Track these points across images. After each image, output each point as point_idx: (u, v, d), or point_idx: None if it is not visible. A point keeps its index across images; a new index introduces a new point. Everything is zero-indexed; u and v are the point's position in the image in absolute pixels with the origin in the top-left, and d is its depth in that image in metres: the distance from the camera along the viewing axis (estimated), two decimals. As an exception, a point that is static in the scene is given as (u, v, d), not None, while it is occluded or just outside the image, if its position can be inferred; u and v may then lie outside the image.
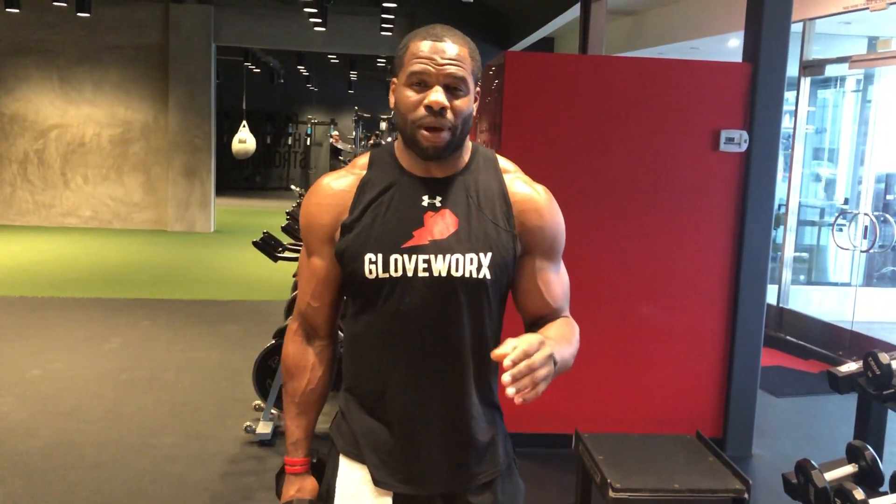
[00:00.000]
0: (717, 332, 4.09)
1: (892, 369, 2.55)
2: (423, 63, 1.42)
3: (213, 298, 7.50)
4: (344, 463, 1.53)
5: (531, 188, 1.56)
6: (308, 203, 1.55)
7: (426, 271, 1.45)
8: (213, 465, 3.80)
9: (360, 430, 1.52)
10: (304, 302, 1.57)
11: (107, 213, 12.06)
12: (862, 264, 7.90)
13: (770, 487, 3.64)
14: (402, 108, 1.44)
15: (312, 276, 1.55)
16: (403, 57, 1.46)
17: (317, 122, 21.77)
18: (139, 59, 11.84)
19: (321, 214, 1.52)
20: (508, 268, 1.51)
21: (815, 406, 5.15)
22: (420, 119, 1.42)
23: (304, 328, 1.60)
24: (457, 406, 1.50)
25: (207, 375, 5.15)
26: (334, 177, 1.55)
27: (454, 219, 1.48)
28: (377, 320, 1.48)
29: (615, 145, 3.97)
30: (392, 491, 1.49)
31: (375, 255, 1.45)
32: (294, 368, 1.59)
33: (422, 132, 1.42)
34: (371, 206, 1.48)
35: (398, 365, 1.48)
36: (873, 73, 7.66)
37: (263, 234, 4.53)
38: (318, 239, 1.53)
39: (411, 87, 1.43)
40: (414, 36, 1.48)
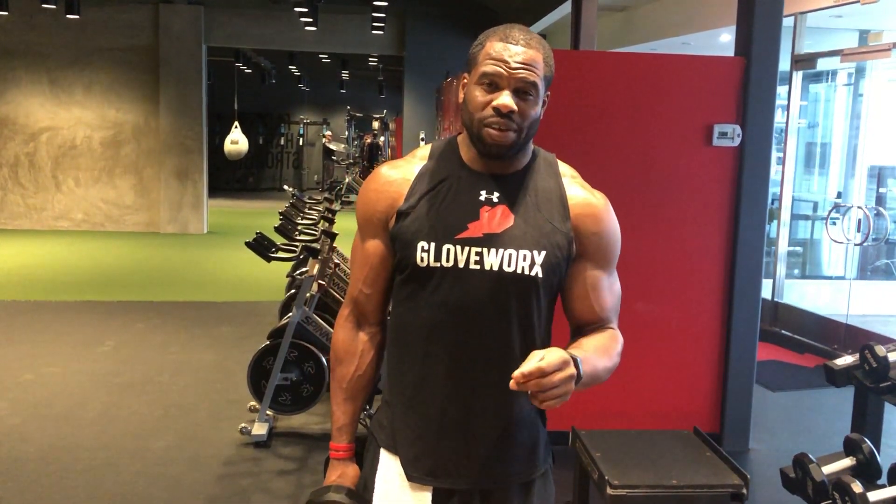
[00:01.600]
0: (713, 327, 4.09)
1: (889, 361, 2.55)
2: (495, 65, 1.42)
3: (206, 300, 7.47)
4: (385, 456, 1.54)
5: (590, 193, 1.56)
6: (366, 189, 1.56)
7: (478, 264, 1.45)
8: (208, 467, 3.78)
9: (399, 424, 1.52)
10: (356, 288, 1.58)
11: (99, 215, 12.01)
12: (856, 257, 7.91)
13: (768, 482, 3.64)
14: (471, 106, 1.45)
15: (366, 262, 1.56)
16: (478, 55, 1.46)
17: (309, 122, 21.73)
18: (129, 61, 11.79)
19: (378, 201, 1.53)
20: (561, 268, 1.51)
21: (811, 400, 5.15)
22: (486, 118, 1.43)
23: (356, 314, 1.60)
24: (500, 404, 1.49)
25: (202, 377, 5.12)
26: (393, 165, 1.56)
27: (510, 215, 1.48)
28: (424, 309, 1.48)
29: (607, 141, 3.96)
30: (428, 484, 1.49)
31: (428, 244, 1.46)
32: (344, 354, 1.60)
33: (487, 130, 1.43)
34: (428, 194, 1.49)
35: (441, 356, 1.48)
36: (865, 66, 7.67)
37: (256, 235, 4.51)
38: (373, 225, 1.54)
39: (482, 87, 1.44)
40: (491, 35, 1.47)
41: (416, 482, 1.50)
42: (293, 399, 4.15)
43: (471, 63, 1.48)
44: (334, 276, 5.20)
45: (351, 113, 21.33)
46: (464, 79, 1.50)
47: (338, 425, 1.60)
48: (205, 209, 12.12)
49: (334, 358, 1.61)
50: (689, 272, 4.08)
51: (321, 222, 5.94)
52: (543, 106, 1.49)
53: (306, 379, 4.15)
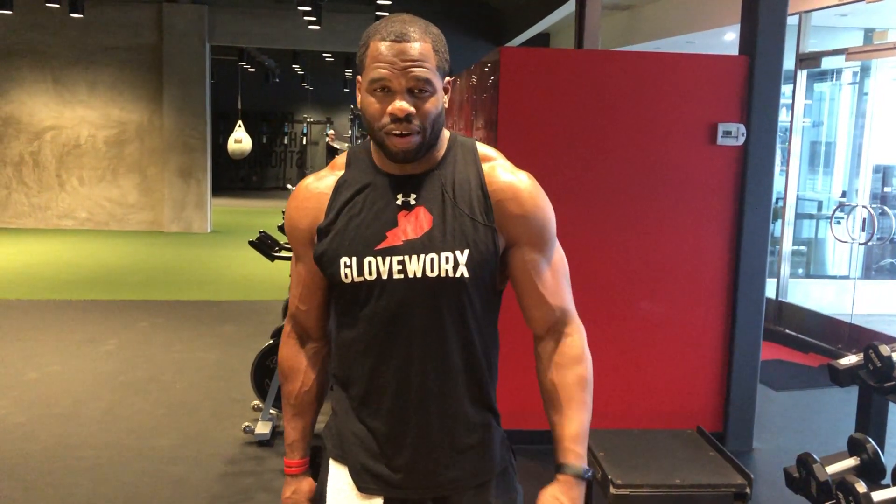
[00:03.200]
0: (717, 326, 4.08)
1: (893, 361, 2.54)
2: (384, 68, 1.35)
3: (210, 299, 7.48)
4: (333, 466, 1.52)
5: (512, 175, 1.48)
6: (289, 206, 1.53)
7: (401, 273, 1.41)
8: (211, 465, 3.78)
9: (347, 434, 1.50)
10: (293, 305, 1.57)
11: (103, 214, 12.03)
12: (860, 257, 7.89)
13: (771, 481, 3.63)
14: (367, 115, 1.39)
15: (299, 280, 1.55)
16: (364, 57, 1.39)
17: (312, 121, 21.74)
18: (133, 60, 11.81)
19: (300, 218, 1.50)
20: (489, 264, 1.45)
21: (815, 399, 5.14)
22: (386, 126, 1.37)
23: (297, 331, 1.60)
24: (445, 408, 1.46)
25: (205, 376, 5.13)
26: (313, 178, 1.53)
27: (428, 216, 1.43)
28: (359, 324, 1.46)
29: (612, 140, 3.95)
30: (379, 495, 1.47)
31: (350, 259, 1.42)
32: (288, 371, 1.60)
33: (390, 139, 1.38)
34: (345, 207, 1.45)
35: (382, 369, 1.45)
36: (870, 65, 7.65)
37: (259, 234, 4.51)
38: (299, 243, 1.52)
39: (374, 94, 1.37)
40: (373, 33, 1.39)
41: (366, 493, 1.48)
42: (296, 398, 4.15)
43: (359, 65, 1.40)
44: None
45: (354, 112, 21.34)
46: (358, 82, 1.43)
47: (288, 441, 1.61)
48: (208, 208, 12.14)
49: (281, 375, 1.61)
50: (692, 271, 4.07)
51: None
52: (446, 94, 1.42)
53: (309, 378, 4.14)
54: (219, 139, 15.85)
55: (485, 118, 4.44)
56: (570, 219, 4.00)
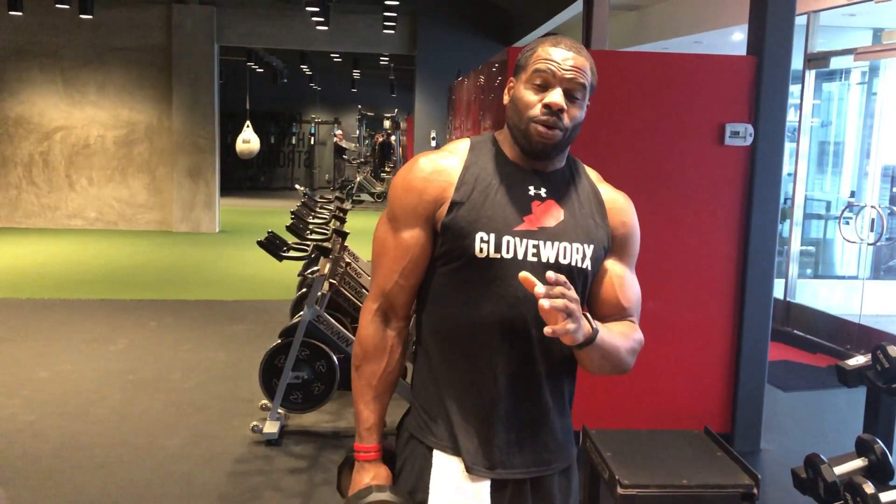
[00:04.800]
0: (724, 326, 4.08)
1: (902, 362, 2.53)
2: (547, 64, 1.47)
3: (218, 299, 7.51)
4: (440, 457, 1.50)
5: (617, 192, 1.63)
6: (409, 178, 1.52)
7: (535, 256, 1.47)
8: (220, 465, 3.80)
9: (454, 422, 1.49)
10: (389, 280, 1.53)
11: (112, 214, 12.08)
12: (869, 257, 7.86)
13: (779, 482, 3.62)
14: (520, 105, 1.48)
15: (405, 254, 1.52)
16: (529, 59, 1.50)
17: (320, 121, 21.78)
18: (143, 61, 11.86)
19: (425, 190, 1.50)
20: (600, 262, 1.56)
21: (823, 400, 5.13)
22: (536, 116, 1.47)
23: (384, 308, 1.55)
24: (547, 393, 1.52)
25: (214, 375, 5.15)
26: (437, 155, 1.55)
27: (559, 209, 1.51)
28: (483, 301, 1.47)
29: (620, 140, 3.96)
30: (489, 477, 1.49)
31: (487, 235, 1.46)
32: (374, 350, 1.55)
33: (536, 127, 1.47)
34: (480, 186, 1.49)
35: (499, 349, 1.48)
36: (878, 65, 7.62)
37: (268, 234, 4.53)
38: (416, 214, 1.51)
39: (532, 86, 1.48)
40: (543, 42, 1.52)
41: (476, 475, 1.48)
42: (304, 397, 4.17)
43: (520, 68, 1.51)
44: (345, 275, 5.21)
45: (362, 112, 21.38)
46: (510, 83, 1.54)
47: (367, 425, 1.55)
48: (217, 208, 12.18)
49: (361, 355, 1.56)
50: (700, 271, 4.07)
51: (332, 221, 5.96)
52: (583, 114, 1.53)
53: (317, 377, 4.17)
54: (227, 139, 15.89)
55: (492, 118, 4.45)
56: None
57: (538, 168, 1.53)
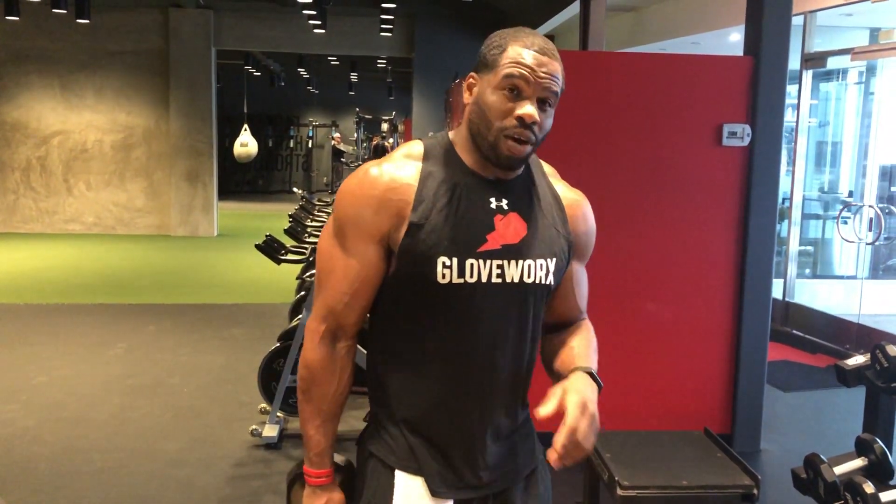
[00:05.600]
0: (724, 327, 4.07)
1: (901, 362, 2.53)
2: (522, 70, 1.35)
3: (217, 302, 7.50)
4: (402, 477, 1.45)
5: (574, 193, 1.56)
6: (359, 193, 1.40)
7: (499, 277, 1.40)
8: (219, 469, 3.80)
9: (416, 442, 1.44)
10: (338, 301, 1.42)
11: (110, 218, 12.08)
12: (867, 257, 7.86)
13: (779, 483, 3.62)
14: (490, 113, 1.36)
15: (355, 274, 1.41)
16: (498, 57, 1.37)
17: (318, 124, 21.79)
18: (140, 65, 11.86)
19: (379, 208, 1.38)
20: (562, 273, 1.50)
21: (822, 400, 5.13)
22: (508, 129, 1.36)
23: (332, 329, 1.45)
24: (511, 407, 1.49)
25: (213, 379, 5.14)
26: (391, 166, 1.41)
27: (522, 223, 1.43)
28: (442, 326, 1.41)
29: (617, 141, 3.96)
30: (452, 497, 1.45)
31: (450, 259, 1.37)
32: (322, 373, 1.45)
33: (507, 142, 1.36)
34: (440, 202, 1.38)
35: (462, 371, 1.42)
36: (875, 64, 7.63)
37: (266, 237, 4.53)
38: (368, 234, 1.39)
39: (502, 93, 1.36)
40: (513, 39, 1.39)
41: (440, 497, 1.44)
42: (304, 401, 4.16)
43: (485, 65, 1.39)
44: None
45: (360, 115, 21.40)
46: (471, 79, 1.42)
47: (317, 450, 1.47)
48: (215, 212, 12.18)
49: (309, 378, 1.45)
50: (699, 272, 4.07)
51: (331, 224, 5.96)
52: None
53: (317, 381, 4.16)
54: (225, 143, 15.91)
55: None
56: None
57: (499, 176, 1.43)
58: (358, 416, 4.38)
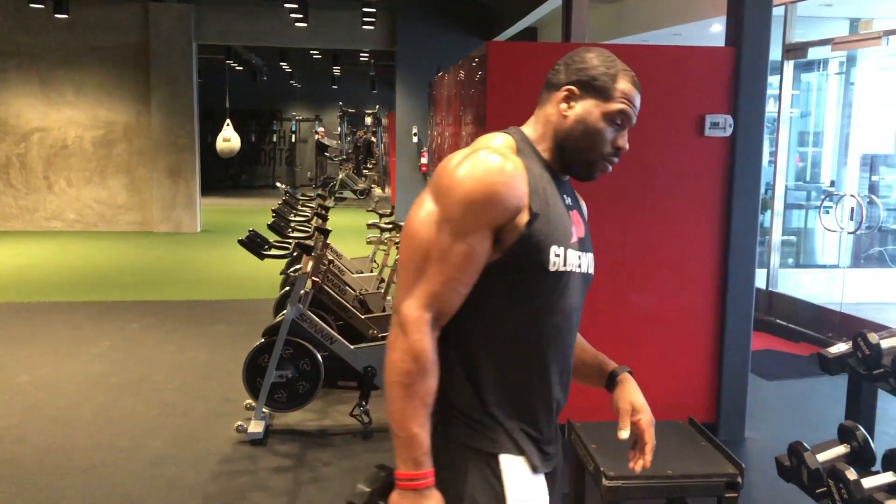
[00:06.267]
0: (707, 317, 4.09)
1: (882, 349, 2.55)
2: (630, 108, 1.52)
3: (201, 299, 7.46)
4: (507, 460, 1.47)
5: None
6: (486, 179, 1.40)
7: (579, 267, 1.53)
8: (205, 466, 3.78)
9: (512, 425, 1.48)
10: (449, 288, 1.40)
11: (91, 215, 11.98)
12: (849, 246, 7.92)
13: (763, 470, 3.65)
14: (597, 139, 1.51)
15: (470, 261, 1.40)
16: (610, 88, 1.51)
17: (301, 118, 21.70)
18: (120, 60, 11.75)
19: (508, 196, 1.41)
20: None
21: (806, 388, 5.17)
22: (608, 155, 1.52)
23: (436, 317, 1.42)
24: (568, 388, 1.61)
25: (197, 376, 5.12)
26: (506, 153, 1.46)
27: (580, 220, 1.59)
28: (551, 313, 1.49)
29: (600, 133, 3.95)
30: (544, 472, 1.53)
31: (559, 248, 1.47)
32: (431, 365, 1.40)
33: (603, 164, 1.53)
34: (544, 195, 1.47)
35: (554, 355, 1.52)
36: (855, 55, 7.68)
37: (249, 233, 4.50)
38: (490, 220, 1.40)
39: (610, 122, 1.51)
40: (622, 72, 1.54)
41: (538, 473, 1.51)
42: (289, 396, 4.15)
43: (595, 89, 1.51)
44: (328, 273, 5.19)
45: (343, 109, 21.32)
46: (568, 92, 1.52)
47: (424, 448, 1.39)
48: (198, 208, 12.10)
49: (417, 371, 1.38)
50: (682, 263, 4.08)
51: (314, 219, 5.93)
52: None
53: (302, 376, 4.15)
54: (207, 138, 15.80)
55: (473, 113, 4.44)
56: (559, 212, 3.99)
57: (563, 178, 1.58)
58: (343, 410, 4.38)
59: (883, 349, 2.56)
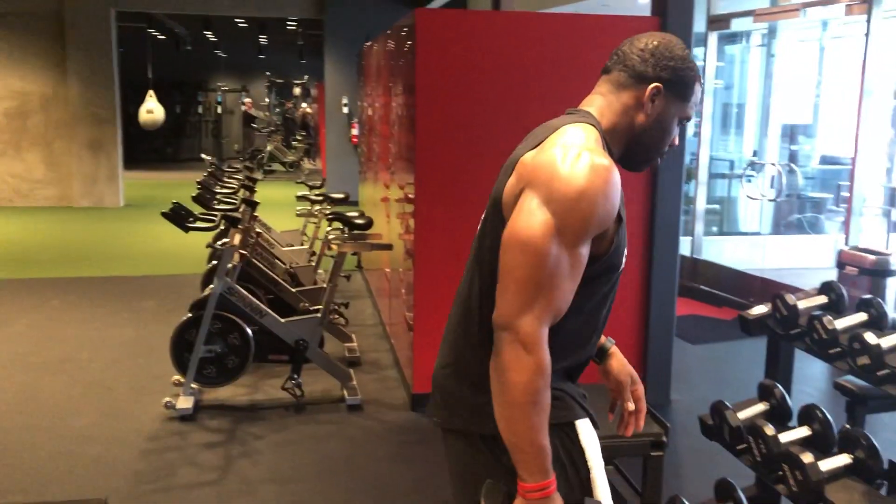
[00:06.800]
0: (633, 283, 4.18)
1: (799, 309, 2.64)
2: (692, 112, 1.57)
3: (125, 275, 7.25)
4: (580, 423, 1.54)
5: None
6: (609, 192, 1.40)
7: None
8: (132, 443, 3.69)
9: (576, 391, 1.58)
10: (565, 298, 1.40)
11: (7, 190, 11.48)
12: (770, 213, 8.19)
13: (688, 430, 3.76)
14: (666, 138, 1.55)
15: (581, 268, 1.42)
16: (691, 91, 1.53)
17: (227, 89, 21.17)
18: (32, 27, 11.22)
19: (615, 205, 1.43)
20: None
21: (728, 351, 5.34)
22: (665, 150, 1.58)
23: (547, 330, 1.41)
24: None
25: (123, 353, 4.98)
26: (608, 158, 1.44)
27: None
28: (605, 301, 1.57)
29: (529, 102, 3.96)
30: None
31: (626, 249, 1.56)
32: (549, 378, 1.39)
33: (661, 158, 1.60)
34: (622, 195, 1.51)
35: (598, 332, 1.64)
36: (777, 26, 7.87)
37: (173, 205, 4.37)
38: (601, 228, 1.43)
39: (679, 124, 1.56)
40: (699, 76, 1.55)
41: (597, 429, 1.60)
42: (218, 371, 4.08)
43: (679, 93, 1.52)
44: (257, 246, 5.10)
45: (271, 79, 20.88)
46: (655, 89, 1.50)
47: (550, 457, 1.39)
48: (120, 181, 11.72)
49: (546, 384, 1.38)
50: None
51: (241, 191, 5.81)
52: None
53: (231, 351, 4.08)
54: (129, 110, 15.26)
55: (403, 83, 4.39)
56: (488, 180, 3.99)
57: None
58: (275, 384, 4.33)
59: (800, 310, 2.65)
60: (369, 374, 4.68)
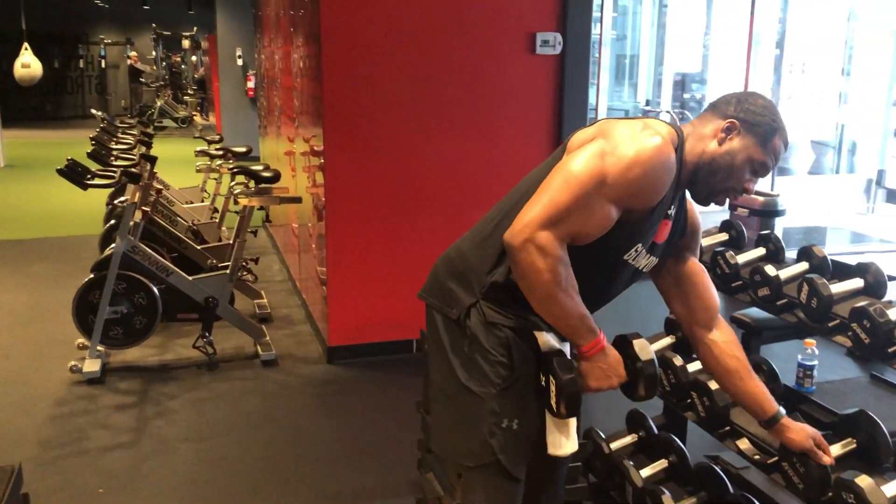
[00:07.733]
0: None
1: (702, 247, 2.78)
2: (773, 165, 1.67)
3: (13, 238, 6.88)
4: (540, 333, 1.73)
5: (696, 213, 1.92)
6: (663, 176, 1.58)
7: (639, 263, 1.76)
8: (37, 410, 3.56)
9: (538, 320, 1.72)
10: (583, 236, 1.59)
11: None
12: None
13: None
14: (734, 175, 1.64)
15: (608, 224, 1.59)
16: (769, 139, 1.63)
17: (111, 42, 20.10)
18: None
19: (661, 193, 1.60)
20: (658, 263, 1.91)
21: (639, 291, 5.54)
22: (731, 191, 1.67)
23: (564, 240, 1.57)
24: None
25: (19, 320, 4.76)
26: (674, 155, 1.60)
27: (667, 230, 1.75)
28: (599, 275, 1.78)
29: (436, 50, 3.96)
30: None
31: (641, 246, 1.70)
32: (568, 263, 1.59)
33: (724, 196, 1.68)
34: (667, 198, 1.66)
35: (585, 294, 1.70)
36: (668, -23, 8.08)
37: (68, 161, 4.17)
38: (638, 203, 1.59)
39: (751, 167, 1.64)
40: (782, 129, 1.65)
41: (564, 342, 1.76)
42: (125, 332, 3.96)
43: (755, 133, 1.63)
44: (157, 204, 4.93)
45: (157, 31, 19.93)
46: (731, 124, 1.64)
47: (592, 320, 1.66)
48: (-1, 141, 11.04)
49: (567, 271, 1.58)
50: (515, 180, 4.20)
51: (138, 146, 5.59)
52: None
53: (138, 311, 3.96)
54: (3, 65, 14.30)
55: (306, 31, 4.29)
56: (396, 130, 3.99)
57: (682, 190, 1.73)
58: (185, 343, 4.25)
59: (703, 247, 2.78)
60: (281, 329, 4.65)
